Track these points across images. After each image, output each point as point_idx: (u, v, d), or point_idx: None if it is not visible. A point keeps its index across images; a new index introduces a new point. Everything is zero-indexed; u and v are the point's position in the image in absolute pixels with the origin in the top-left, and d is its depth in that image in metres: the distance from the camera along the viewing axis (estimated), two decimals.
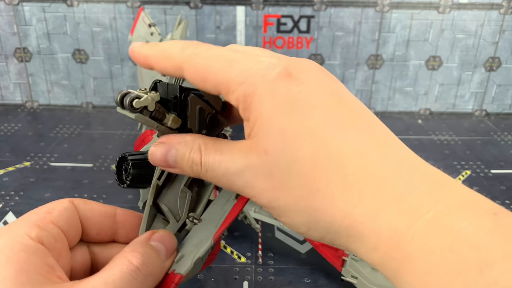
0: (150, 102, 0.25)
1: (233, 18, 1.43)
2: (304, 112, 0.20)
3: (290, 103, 0.21)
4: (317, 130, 0.20)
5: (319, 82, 0.22)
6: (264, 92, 0.21)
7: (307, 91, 0.21)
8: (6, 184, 1.06)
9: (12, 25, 1.45)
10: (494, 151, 1.28)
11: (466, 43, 1.46)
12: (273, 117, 0.21)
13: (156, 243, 0.26)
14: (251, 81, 0.21)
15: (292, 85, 0.21)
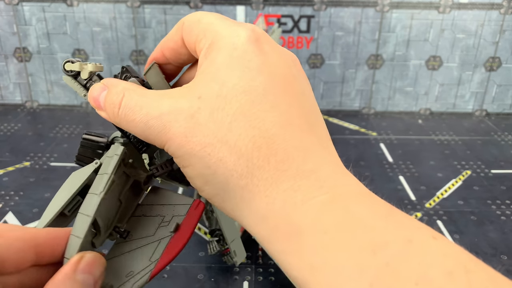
0: (82, 69, 0.27)
1: (233, 18, 1.43)
2: (251, 73, 0.21)
3: (244, 62, 0.21)
4: (254, 93, 0.21)
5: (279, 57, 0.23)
6: (227, 44, 0.22)
7: (263, 58, 0.22)
8: (6, 184, 1.06)
9: (12, 25, 1.45)
10: (495, 151, 1.28)
11: (467, 43, 1.46)
12: (222, 68, 0.21)
13: (84, 276, 0.21)
14: (221, 32, 0.22)
15: (255, 48, 0.22)
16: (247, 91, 0.21)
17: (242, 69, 0.21)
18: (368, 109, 1.55)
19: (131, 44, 1.47)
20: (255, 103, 0.20)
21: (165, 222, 0.27)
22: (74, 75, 0.28)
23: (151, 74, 0.27)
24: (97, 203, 0.24)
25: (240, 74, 0.21)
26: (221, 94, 0.21)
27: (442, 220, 0.95)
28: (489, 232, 0.91)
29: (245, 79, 0.21)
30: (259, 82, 0.21)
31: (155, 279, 0.75)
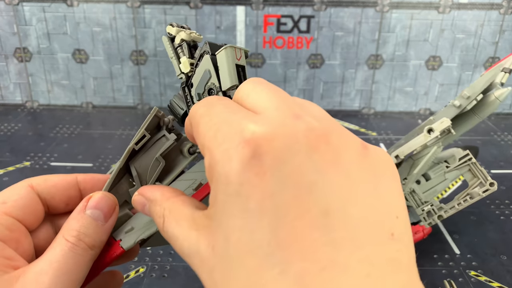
0: (176, 34, 0.29)
1: (233, 18, 1.43)
2: (251, 221, 0.16)
3: (241, 201, 0.16)
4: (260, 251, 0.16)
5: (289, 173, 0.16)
6: (220, 175, 0.17)
7: (265, 188, 0.16)
8: (6, 184, 1.06)
9: (12, 25, 1.45)
10: (494, 151, 1.28)
11: (466, 43, 1.46)
12: (222, 213, 0.17)
13: (92, 211, 0.26)
14: (214, 153, 0.18)
15: (251, 174, 0.16)
16: (251, 250, 0.16)
17: (241, 214, 0.16)
18: (368, 109, 1.55)
19: (131, 44, 1.47)
20: (263, 268, 0.16)
21: (194, 184, 0.29)
22: (171, 38, 0.29)
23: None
24: (127, 151, 0.29)
25: (240, 224, 0.16)
26: (227, 254, 0.17)
27: (441, 220, 0.95)
28: (489, 232, 0.91)
29: (247, 230, 0.16)
30: (262, 234, 0.16)
31: (155, 278, 0.75)
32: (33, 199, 0.26)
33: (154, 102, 1.54)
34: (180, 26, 0.29)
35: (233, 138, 0.17)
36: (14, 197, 0.26)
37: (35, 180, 0.27)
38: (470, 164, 0.75)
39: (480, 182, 0.75)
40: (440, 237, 0.90)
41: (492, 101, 0.75)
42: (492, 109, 0.76)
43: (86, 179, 0.29)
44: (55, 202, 0.27)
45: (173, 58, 0.29)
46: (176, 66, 0.29)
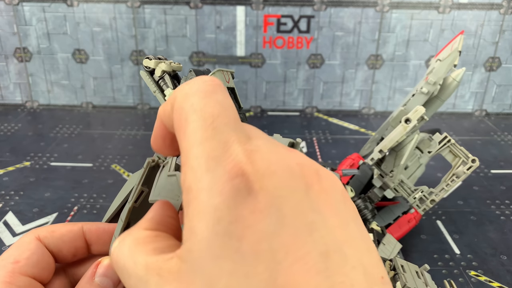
0: (156, 67, 0.28)
1: (233, 18, 1.43)
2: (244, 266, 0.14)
3: (232, 242, 0.14)
4: None
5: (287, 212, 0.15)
6: (206, 207, 0.15)
7: (260, 228, 0.14)
8: (6, 184, 1.06)
9: (12, 25, 1.45)
10: (494, 151, 1.28)
11: (466, 43, 1.46)
12: (205, 255, 0.15)
13: (101, 279, 0.24)
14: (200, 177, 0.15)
15: (245, 212, 0.14)
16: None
17: (232, 257, 0.14)
18: (368, 109, 1.55)
19: (131, 44, 1.47)
20: None
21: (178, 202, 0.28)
22: (150, 72, 0.28)
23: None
24: (127, 210, 0.27)
25: (230, 268, 0.14)
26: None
27: (441, 220, 0.95)
28: (489, 232, 0.91)
29: (239, 276, 0.14)
30: (259, 280, 0.14)
31: None
32: (44, 254, 0.26)
33: (154, 102, 1.54)
34: (157, 57, 0.29)
35: (228, 166, 0.15)
36: (26, 254, 0.25)
37: (42, 232, 0.26)
38: (450, 146, 0.78)
39: (462, 160, 0.78)
40: (440, 237, 0.90)
41: (450, 83, 0.77)
42: (451, 90, 0.78)
43: (92, 230, 0.28)
44: (62, 254, 0.27)
45: (156, 92, 0.28)
46: (161, 100, 0.28)
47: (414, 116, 0.72)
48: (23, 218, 0.94)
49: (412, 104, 0.76)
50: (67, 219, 0.94)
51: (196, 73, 0.26)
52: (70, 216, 0.95)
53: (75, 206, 0.98)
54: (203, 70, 0.27)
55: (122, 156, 1.21)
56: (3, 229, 0.90)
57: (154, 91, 0.29)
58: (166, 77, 0.28)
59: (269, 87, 1.52)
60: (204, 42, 1.46)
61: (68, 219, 0.93)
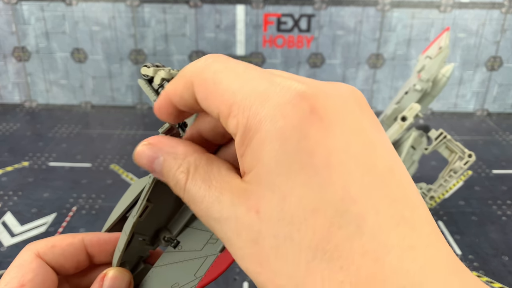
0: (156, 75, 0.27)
1: (233, 17, 1.43)
2: (318, 177, 0.15)
3: (302, 157, 0.15)
4: (329, 209, 0.15)
5: (349, 126, 0.16)
6: (270, 131, 0.15)
7: (329, 143, 0.15)
8: (5, 184, 1.06)
9: (10, 24, 1.45)
10: (496, 151, 1.27)
11: (468, 42, 1.45)
12: (274, 172, 0.15)
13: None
14: (256, 111, 0.16)
15: (312, 129, 0.15)
16: (319, 208, 0.15)
17: (304, 170, 0.15)
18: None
19: (130, 43, 1.46)
20: (334, 226, 0.14)
21: (213, 239, 0.27)
22: (148, 80, 0.27)
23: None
24: (131, 225, 0.26)
25: (303, 181, 0.15)
26: (283, 216, 0.15)
27: (443, 221, 0.94)
28: (490, 232, 0.91)
29: (313, 186, 0.15)
30: (334, 189, 0.15)
31: None
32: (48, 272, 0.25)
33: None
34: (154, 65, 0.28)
35: (282, 93, 0.16)
36: (29, 275, 0.24)
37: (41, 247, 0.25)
38: (446, 142, 0.79)
39: (458, 156, 0.78)
40: None
41: (440, 79, 0.78)
42: (441, 86, 0.79)
43: (93, 242, 0.27)
44: (64, 269, 0.26)
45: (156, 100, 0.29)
46: None
47: (410, 113, 0.72)
48: (21, 219, 0.93)
49: (406, 101, 0.77)
50: (65, 219, 0.93)
51: None
52: (69, 216, 0.94)
53: (74, 206, 0.97)
54: None
55: (121, 156, 1.20)
56: (1, 229, 0.90)
57: (154, 100, 0.28)
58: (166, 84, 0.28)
59: None
60: (203, 41, 1.45)
61: (67, 220, 0.93)
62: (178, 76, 0.19)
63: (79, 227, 0.90)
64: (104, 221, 0.29)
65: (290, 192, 0.15)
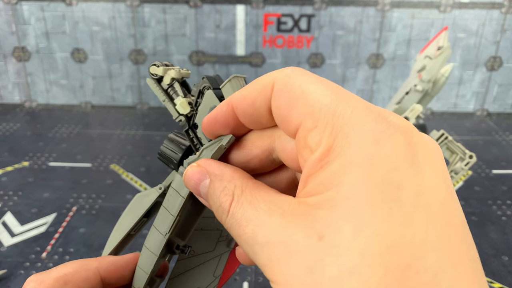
0: (165, 74, 0.26)
1: (233, 17, 1.43)
2: (402, 214, 0.14)
3: (389, 189, 0.14)
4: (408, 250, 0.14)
5: (436, 168, 0.15)
6: (360, 154, 0.15)
7: (419, 180, 0.14)
8: (5, 184, 1.06)
9: (10, 24, 1.45)
10: (496, 151, 1.27)
11: (467, 43, 1.45)
12: (354, 199, 0.14)
13: None
14: (348, 132, 0.15)
15: (405, 162, 0.14)
16: (397, 246, 0.13)
17: (388, 206, 0.14)
18: None
19: (130, 43, 1.46)
20: (411, 270, 0.13)
21: (223, 236, 0.27)
22: (157, 79, 0.26)
23: None
24: (162, 243, 0.25)
25: (384, 216, 0.14)
26: (355, 248, 0.14)
27: None
28: (490, 232, 0.91)
29: (392, 224, 0.14)
30: (416, 231, 0.14)
31: None
32: None
33: (153, 102, 1.54)
34: (164, 64, 0.27)
35: (379, 120, 0.15)
36: None
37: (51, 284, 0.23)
38: (447, 143, 0.79)
39: (459, 157, 0.78)
40: None
41: (439, 79, 0.79)
42: (440, 85, 0.80)
43: (111, 271, 0.25)
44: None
45: (165, 101, 0.26)
46: (171, 109, 0.26)
47: (412, 114, 0.72)
48: (21, 219, 0.93)
49: (407, 102, 0.77)
50: (66, 219, 0.93)
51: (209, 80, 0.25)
52: (69, 216, 0.94)
53: (74, 206, 0.97)
54: (214, 76, 0.26)
55: (121, 156, 1.20)
56: (1, 229, 0.90)
57: (163, 100, 0.27)
58: (176, 84, 0.26)
59: None
60: (203, 41, 1.45)
61: (67, 219, 0.93)
62: (252, 83, 0.18)
63: (79, 227, 0.90)
64: (104, 221, 0.29)
65: (369, 223, 0.14)
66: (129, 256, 0.26)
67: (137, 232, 0.28)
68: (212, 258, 0.27)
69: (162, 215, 0.25)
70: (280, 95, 0.17)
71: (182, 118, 0.26)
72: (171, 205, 0.24)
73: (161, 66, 0.26)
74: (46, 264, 0.82)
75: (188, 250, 0.27)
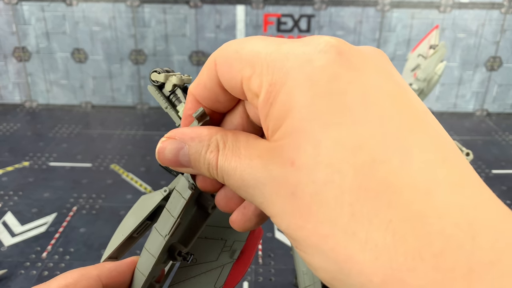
0: (167, 81, 0.25)
1: (233, 17, 1.43)
2: (353, 115, 0.14)
3: (334, 98, 0.14)
4: (369, 145, 0.14)
5: (378, 70, 0.15)
6: (298, 79, 0.15)
7: (362, 82, 0.15)
8: (5, 184, 1.06)
9: (11, 25, 1.45)
10: (495, 151, 1.28)
11: (467, 43, 1.45)
12: (307, 118, 0.15)
13: None
14: (282, 64, 0.15)
15: (342, 69, 0.15)
16: (358, 146, 0.14)
17: (338, 111, 0.14)
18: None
19: (131, 43, 1.46)
20: (376, 162, 0.14)
21: (227, 246, 0.27)
22: (159, 86, 0.26)
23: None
24: (162, 245, 0.25)
25: (338, 121, 0.14)
26: (321, 160, 0.14)
27: None
28: None
29: (347, 127, 0.14)
30: (372, 126, 0.14)
31: None
32: None
33: (153, 102, 1.54)
34: (164, 70, 0.26)
35: (306, 43, 0.16)
36: None
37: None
38: None
39: None
40: None
41: (432, 77, 0.80)
42: (433, 83, 0.80)
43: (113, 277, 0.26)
44: None
45: (168, 108, 0.26)
46: (174, 116, 0.26)
47: None
48: (22, 219, 0.93)
49: None
50: (66, 219, 0.93)
51: None
52: (69, 216, 0.94)
53: (74, 206, 0.97)
54: None
55: (121, 156, 1.21)
56: (2, 229, 0.90)
57: (166, 107, 0.26)
58: (178, 91, 0.26)
59: None
60: (204, 41, 1.46)
61: (67, 220, 0.93)
62: (201, 70, 0.19)
63: (79, 227, 0.90)
64: (105, 221, 0.29)
65: (326, 135, 0.14)
66: (129, 260, 0.26)
67: (140, 235, 0.28)
68: (214, 268, 0.27)
69: (163, 217, 0.25)
70: (221, 66, 0.17)
71: None
72: (173, 207, 0.24)
73: (162, 72, 0.26)
74: (47, 264, 0.82)
75: (190, 257, 0.26)
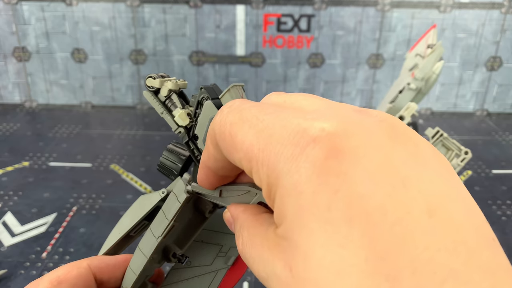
0: (162, 86, 0.25)
1: (233, 17, 1.43)
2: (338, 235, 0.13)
3: (318, 213, 0.14)
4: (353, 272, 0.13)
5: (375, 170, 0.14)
6: (287, 188, 0.14)
7: (349, 193, 0.13)
8: (5, 184, 1.06)
9: (11, 25, 1.45)
10: (496, 151, 1.27)
11: (467, 43, 1.45)
12: (296, 230, 0.15)
13: None
14: (274, 166, 0.15)
15: (330, 179, 0.14)
16: (343, 270, 0.13)
17: (322, 227, 0.14)
18: (369, 108, 1.55)
19: (130, 43, 1.46)
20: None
21: (223, 252, 0.27)
22: (154, 91, 0.26)
23: None
24: (154, 246, 0.25)
25: (322, 239, 0.14)
26: (308, 277, 0.14)
27: None
28: None
29: (333, 246, 0.13)
30: (356, 249, 0.13)
31: None
32: None
33: None
34: (160, 75, 0.26)
35: (296, 139, 0.14)
36: None
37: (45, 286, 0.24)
38: (442, 140, 0.80)
39: (455, 153, 0.79)
40: None
41: (430, 76, 0.80)
42: (431, 83, 0.81)
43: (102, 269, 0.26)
44: None
45: (164, 113, 0.26)
46: (170, 121, 0.26)
47: (408, 113, 0.73)
48: (22, 219, 0.93)
49: (401, 100, 0.78)
50: (66, 219, 0.93)
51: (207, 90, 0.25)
52: (69, 216, 0.94)
53: (74, 206, 0.97)
54: (212, 86, 0.25)
55: (121, 156, 1.20)
56: (2, 229, 0.90)
57: (162, 113, 0.27)
58: (174, 96, 0.26)
59: (269, 87, 1.51)
60: (203, 41, 1.46)
61: (67, 219, 0.93)
62: (206, 140, 0.19)
63: (79, 227, 0.90)
64: (104, 221, 0.29)
65: (311, 254, 0.14)
66: (121, 256, 0.27)
67: (137, 235, 0.28)
68: (208, 272, 0.27)
69: (159, 218, 0.25)
70: (221, 147, 0.17)
71: (181, 129, 0.26)
72: (168, 209, 0.24)
73: (158, 78, 0.26)
74: (47, 264, 0.82)
75: (185, 260, 0.27)
